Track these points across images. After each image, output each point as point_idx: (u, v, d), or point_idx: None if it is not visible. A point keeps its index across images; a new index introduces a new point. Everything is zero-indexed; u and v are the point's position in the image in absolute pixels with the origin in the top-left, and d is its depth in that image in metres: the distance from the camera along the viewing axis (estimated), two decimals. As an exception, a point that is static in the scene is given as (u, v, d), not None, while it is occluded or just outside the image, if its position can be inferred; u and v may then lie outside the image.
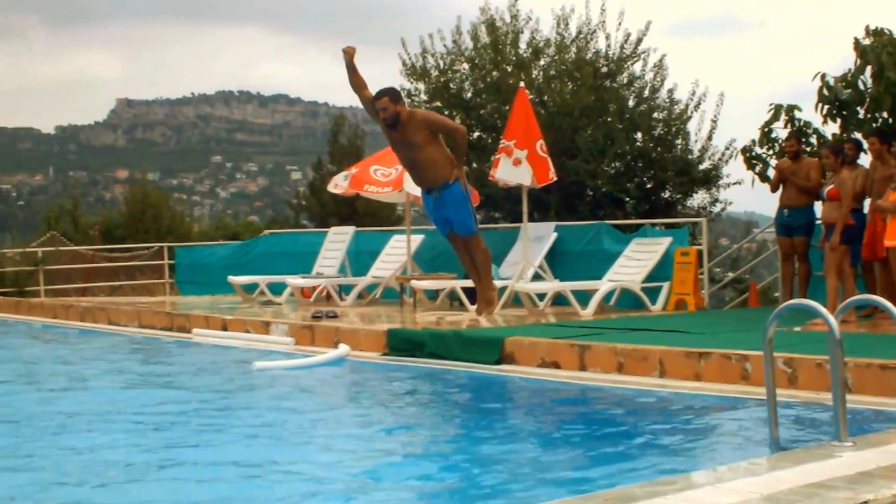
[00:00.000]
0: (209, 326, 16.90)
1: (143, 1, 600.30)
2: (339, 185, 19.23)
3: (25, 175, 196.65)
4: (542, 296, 17.33)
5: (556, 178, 17.36)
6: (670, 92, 24.20)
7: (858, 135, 15.85)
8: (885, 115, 15.96)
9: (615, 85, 24.33)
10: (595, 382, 11.01)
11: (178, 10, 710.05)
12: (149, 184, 52.36)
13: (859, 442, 6.41)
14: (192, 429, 9.22)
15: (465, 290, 17.66)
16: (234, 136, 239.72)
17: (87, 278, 29.30)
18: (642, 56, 24.50)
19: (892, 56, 15.28)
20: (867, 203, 14.48)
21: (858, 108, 16.22)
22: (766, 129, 17.21)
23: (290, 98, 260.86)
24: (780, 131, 17.07)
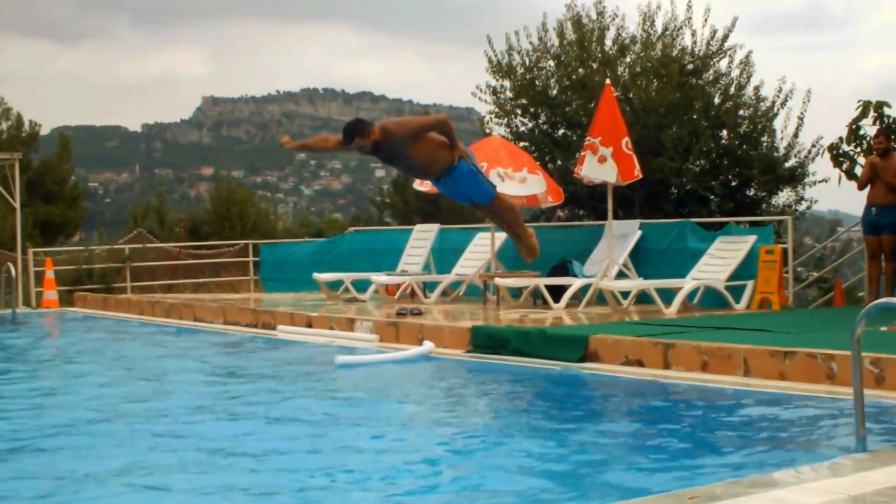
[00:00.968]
0: (294, 323, 17.00)
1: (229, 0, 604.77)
2: (423, 182, 19.28)
3: (112, 173, 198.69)
4: (625, 294, 17.29)
5: (641, 176, 17.30)
6: (756, 89, 23.99)
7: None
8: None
9: (701, 82, 24.15)
10: (679, 381, 10.99)
11: (264, 8, 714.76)
12: (234, 181, 52.62)
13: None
14: (275, 422, 9.31)
15: (548, 287, 17.66)
16: (319, 133, 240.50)
17: (172, 275, 29.59)
18: (728, 53, 24.30)
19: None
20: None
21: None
22: (853, 126, 17.06)
23: (375, 95, 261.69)
24: (869, 128, 16.92)
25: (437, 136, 10.55)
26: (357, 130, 10.42)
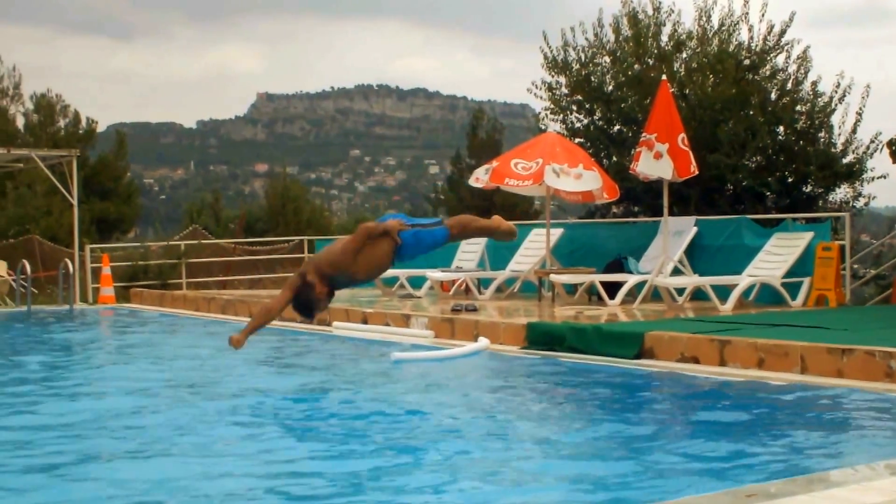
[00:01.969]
0: (349, 319, 17.05)
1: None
2: (479, 178, 19.25)
3: (167, 169, 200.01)
4: (681, 290, 17.24)
5: (697, 172, 17.24)
6: (814, 84, 23.81)
7: None
8: None
9: (757, 77, 24.03)
10: (735, 378, 10.94)
11: (318, 4, 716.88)
12: (288, 177, 52.83)
13: None
14: (333, 418, 9.35)
15: (604, 284, 17.64)
16: (373, 129, 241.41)
17: (227, 271, 29.76)
18: (785, 48, 24.16)
19: None
20: None
21: None
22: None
23: (429, 92, 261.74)
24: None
25: (368, 242, 10.34)
26: (311, 303, 10.28)
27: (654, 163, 16.73)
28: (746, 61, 23.89)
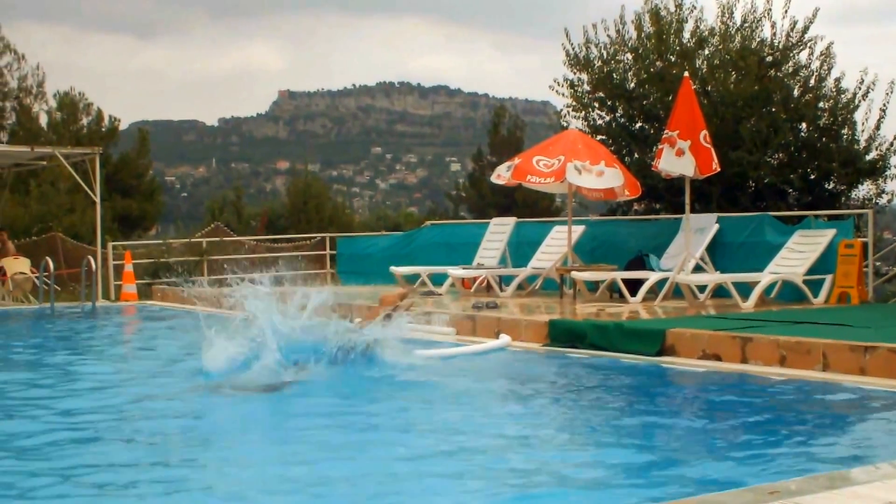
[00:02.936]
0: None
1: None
2: (501, 175, 19.24)
3: (189, 167, 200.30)
4: (702, 287, 17.22)
5: (719, 169, 17.21)
6: (837, 81, 23.71)
7: None
8: None
9: (780, 74, 23.95)
10: (757, 375, 10.93)
11: (340, 1, 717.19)
12: (310, 175, 52.89)
13: None
14: (354, 415, 9.37)
15: (625, 281, 17.62)
16: (395, 127, 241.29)
17: (249, 268, 29.79)
18: (808, 44, 24.07)
19: None
20: None
21: None
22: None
23: (451, 89, 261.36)
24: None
25: None
26: None
27: (676, 160, 16.71)
28: (769, 58, 23.82)
